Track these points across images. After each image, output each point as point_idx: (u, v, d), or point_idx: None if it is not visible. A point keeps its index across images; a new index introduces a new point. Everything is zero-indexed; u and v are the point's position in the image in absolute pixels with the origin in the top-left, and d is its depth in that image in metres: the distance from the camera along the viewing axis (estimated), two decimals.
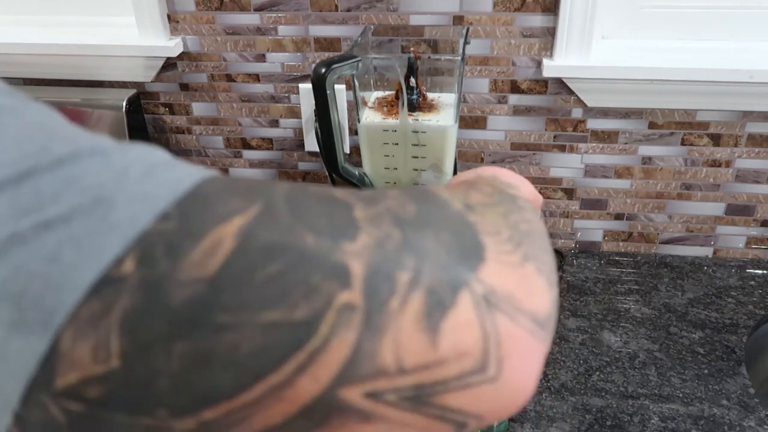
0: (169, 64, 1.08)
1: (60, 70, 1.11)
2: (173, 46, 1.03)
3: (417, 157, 0.83)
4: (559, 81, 0.99)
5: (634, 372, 0.87)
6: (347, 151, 1.09)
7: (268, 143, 1.13)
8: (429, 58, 0.85)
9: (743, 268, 1.08)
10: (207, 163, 1.17)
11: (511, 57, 0.99)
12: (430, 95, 0.85)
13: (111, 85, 1.11)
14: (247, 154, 1.15)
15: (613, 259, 1.12)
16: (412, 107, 0.82)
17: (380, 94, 0.88)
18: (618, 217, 1.10)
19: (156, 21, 1.02)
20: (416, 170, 0.84)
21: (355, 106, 0.83)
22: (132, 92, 1.07)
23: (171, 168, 0.24)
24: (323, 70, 0.74)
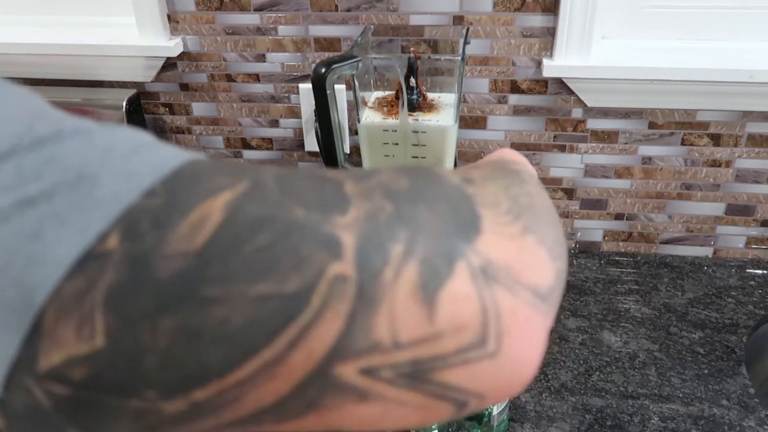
0: (169, 64, 1.08)
1: (60, 70, 1.11)
2: (173, 46, 1.03)
3: (417, 157, 0.83)
4: (559, 81, 0.99)
5: (634, 372, 0.87)
6: (347, 151, 1.09)
7: (268, 143, 1.13)
8: (429, 58, 0.85)
9: (743, 268, 1.08)
10: None
11: (511, 57, 0.99)
12: (430, 95, 0.85)
13: (111, 85, 1.11)
14: (247, 154, 1.15)
15: (613, 259, 1.12)
16: (412, 107, 0.82)
17: (380, 94, 0.88)
18: (618, 217, 1.10)
19: (156, 21, 1.02)
20: None
21: (355, 106, 0.83)
22: (132, 92, 1.07)
23: (157, 148, 0.23)
24: (323, 70, 0.74)
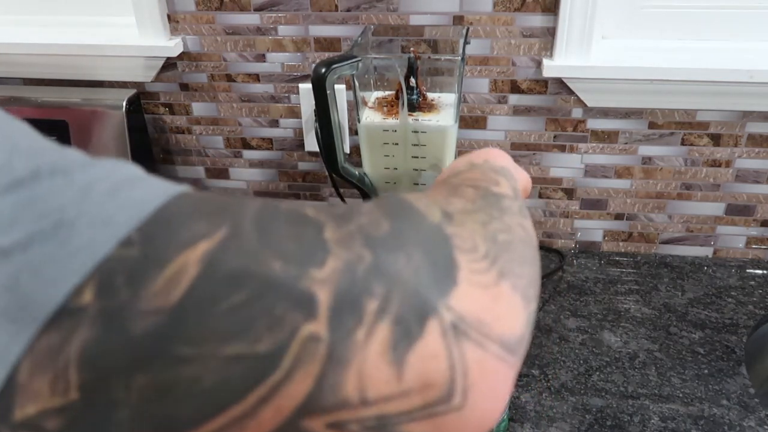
0: (169, 64, 1.08)
1: (60, 70, 1.11)
2: (173, 46, 1.03)
3: (417, 157, 0.83)
4: (559, 81, 0.99)
5: (634, 372, 0.87)
6: (347, 151, 1.09)
7: (268, 143, 1.13)
8: (429, 58, 0.85)
9: (743, 268, 1.08)
10: (207, 163, 1.17)
11: (511, 57, 0.99)
12: (430, 95, 0.85)
13: (111, 85, 1.11)
14: (247, 154, 1.15)
15: (613, 259, 1.12)
16: (412, 107, 0.82)
17: (380, 94, 0.88)
18: (618, 217, 1.10)
19: (156, 21, 1.02)
20: (416, 170, 0.84)
21: (355, 106, 0.83)
22: (132, 92, 1.07)
23: (136, 186, 0.23)
24: (323, 70, 0.74)
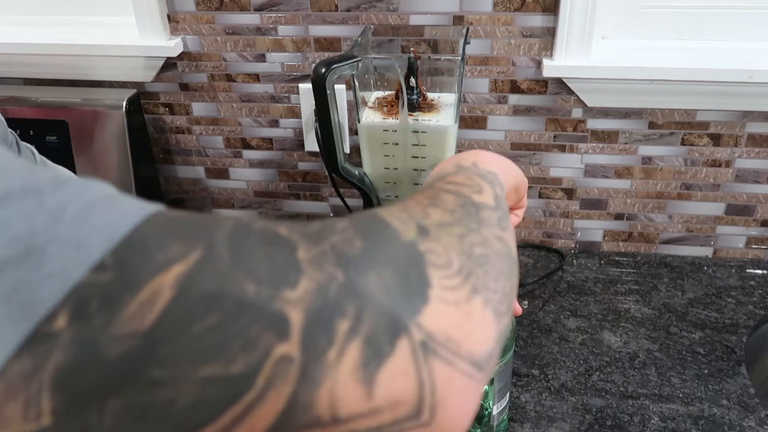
0: (169, 64, 1.08)
1: (60, 70, 1.11)
2: (173, 46, 1.03)
3: (417, 157, 0.83)
4: (559, 81, 0.99)
5: (634, 372, 0.87)
6: (347, 151, 1.09)
7: (268, 143, 1.13)
8: (429, 58, 0.85)
9: (743, 268, 1.08)
10: (207, 163, 1.17)
11: (511, 57, 0.99)
12: (430, 95, 0.85)
13: (111, 85, 1.11)
14: (247, 154, 1.15)
15: (613, 259, 1.12)
16: (412, 107, 0.82)
17: (380, 94, 0.88)
18: (618, 217, 1.10)
19: (156, 21, 1.02)
20: (416, 170, 0.84)
21: (355, 106, 0.83)
22: (132, 92, 1.07)
23: (108, 207, 0.23)
24: (323, 70, 0.74)
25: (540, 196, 1.10)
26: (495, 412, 0.67)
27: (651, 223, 1.10)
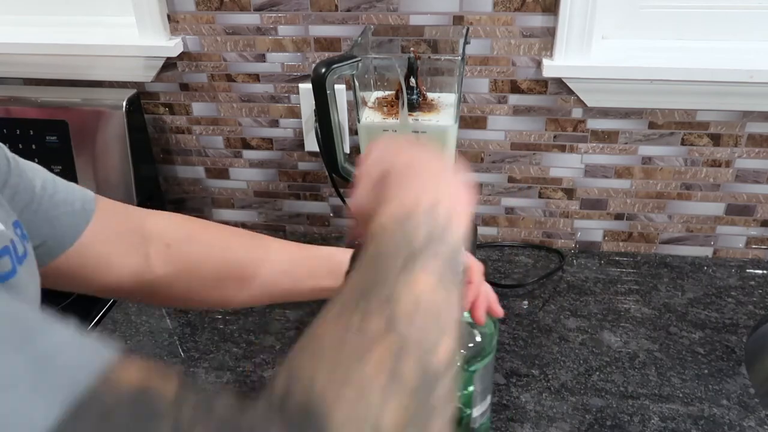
0: (169, 64, 1.08)
1: (60, 70, 1.11)
2: (173, 46, 1.03)
3: None
4: (559, 81, 0.99)
5: (634, 372, 0.87)
6: (347, 151, 1.09)
7: (268, 143, 1.13)
8: (429, 58, 0.85)
9: (743, 268, 1.08)
10: (207, 163, 1.17)
11: (511, 57, 0.99)
12: (430, 95, 0.85)
13: (111, 85, 1.11)
14: (247, 154, 1.15)
15: (613, 259, 1.12)
16: (412, 107, 0.82)
17: (380, 94, 0.88)
18: (618, 217, 1.10)
19: (156, 21, 1.02)
20: None
21: (355, 106, 0.83)
22: (132, 92, 1.07)
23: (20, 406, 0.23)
24: (323, 70, 0.74)
25: (540, 196, 1.10)
26: (476, 414, 0.66)
27: (651, 223, 1.10)
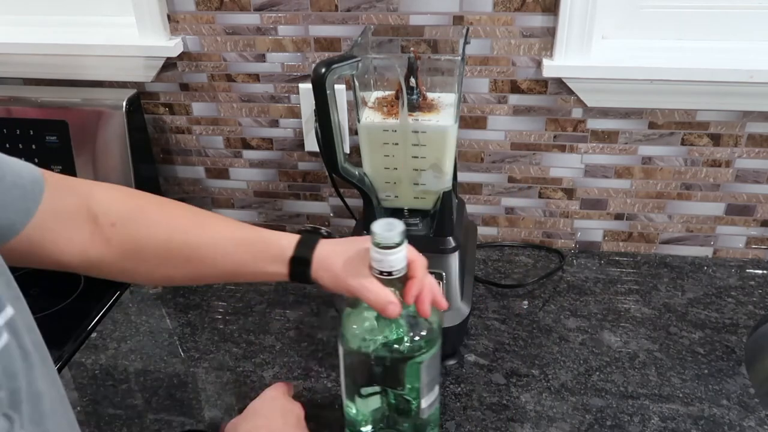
0: (169, 64, 1.08)
1: (60, 70, 1.11)
2: (173, 46, 1.03)
3: (417, 157, 0.83)
4: (559, 81, 0.99)
5: (634, 372, 0.87)
6: (347, 151, 1.09)
7: (268, 143, 1.13)
8: (429, 58, 0.85)
9: (743, 268, 1.08)
10: (207, 163, 1.17)
11: (511, 57, 0.99)
12: (430, 95, 0.85)
13: (111, 85, 1.11)
14: (247, 154, 1.15)
15: (613, 259, 1.12)
16: (412, 107, 0.82)
17: (380, 94, 0.88)
18: (618, 217, 1.10)
19: (156, 21, 1.02)
20: (416, 170, 0.84)
21: (355, 106, 0.83)
22: (132, 92, 1.07)
23: None
24: (323, 70, 0.74)
25: (540, 196, 1.10)
26: (424, 405, 0.66)
27: (651, 223, 1.10)
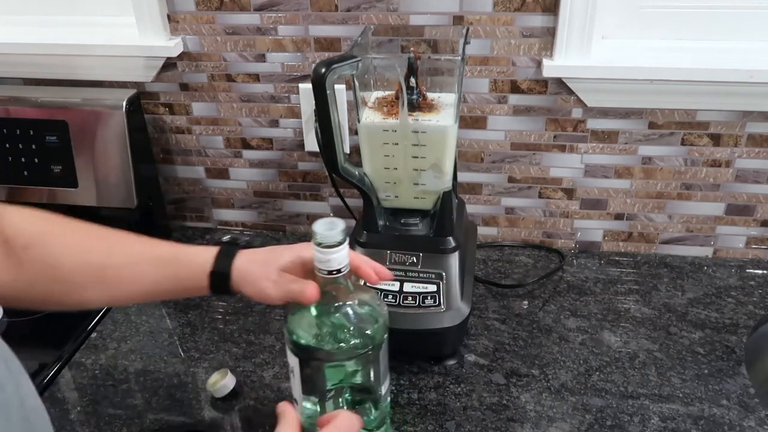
0: (169, 64, 1.08)
1: (60, 70, 1.11)
2: (173, 46, 1.04)
3: (417, 157, 0.83)
4: (559, 81, 0.99)
5: (634, 372, 0.87)
6: (347, 151, 1.09)
7: (268, 143, 1.13)
8: (429, 58, 0.85)
9: (743, 268, 1.08)
10: (207, 163, 1.17)
11: (511, 57, 0.99)
12: (430, 95, 0.85)
13: (111, 85, 1.11)
14: (247, 154, 1.15)
15: (613, 259, 1.12)
16: (412, 107, 0.82)
17: (380, 94, 0.88)
18: (618, 217, 1.10)
19: (156, 21, 1.02)
20: (416, 170, 0.84)
21: (355, 106, 0.83)
22: (132, 92, 1.07)
23: None
24: (323, 70, 0.74)
25: (540, 196, 1.10)
26: (383, 392, 0.66)
27: (651, 223, 1.10)
